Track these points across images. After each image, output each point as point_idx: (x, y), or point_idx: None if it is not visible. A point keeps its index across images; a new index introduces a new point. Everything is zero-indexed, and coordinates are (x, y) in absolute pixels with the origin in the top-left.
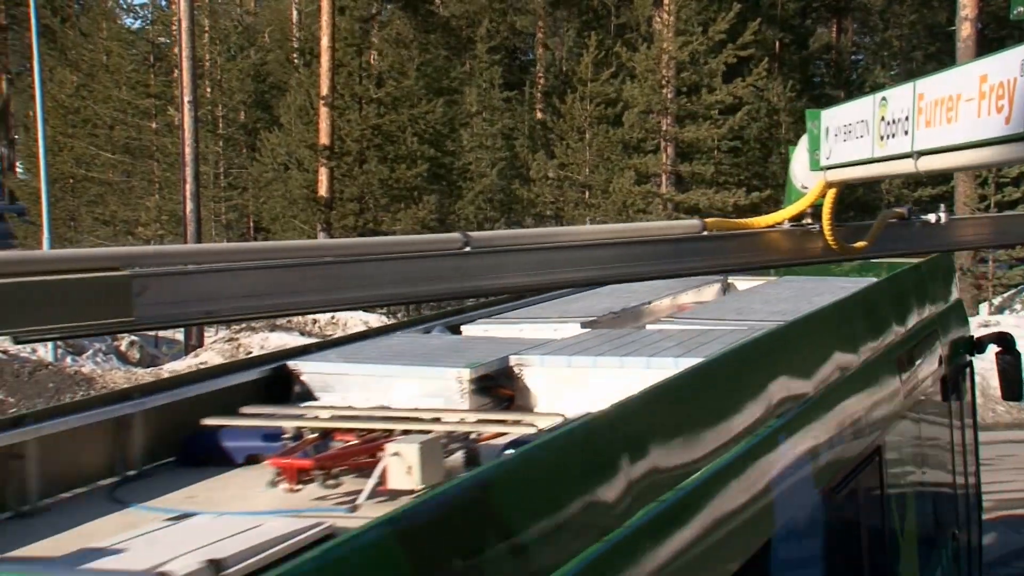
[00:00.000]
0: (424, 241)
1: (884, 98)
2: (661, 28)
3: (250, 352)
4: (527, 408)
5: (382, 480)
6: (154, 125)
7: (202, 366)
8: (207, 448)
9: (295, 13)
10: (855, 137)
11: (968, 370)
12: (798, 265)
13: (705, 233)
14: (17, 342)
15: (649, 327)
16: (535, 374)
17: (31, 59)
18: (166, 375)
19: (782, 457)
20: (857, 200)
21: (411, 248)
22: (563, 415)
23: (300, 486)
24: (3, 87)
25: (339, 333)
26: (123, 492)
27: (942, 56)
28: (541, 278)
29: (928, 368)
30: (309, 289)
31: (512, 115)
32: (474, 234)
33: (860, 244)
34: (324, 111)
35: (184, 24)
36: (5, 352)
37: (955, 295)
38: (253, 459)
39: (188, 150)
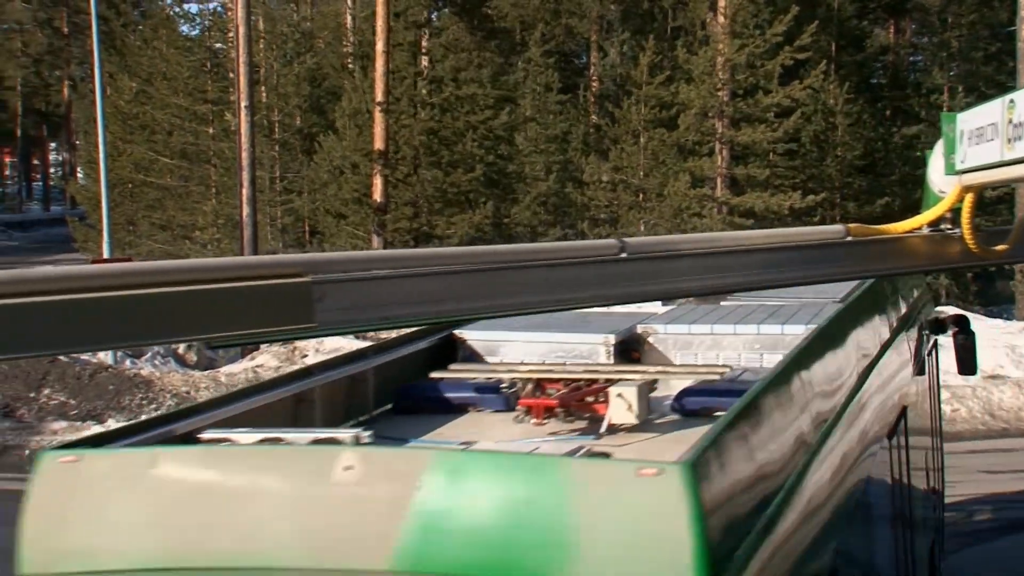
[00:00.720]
0: (580, 248)
1: (1012, 100)
2: (717, 30)
3: (305, 356)
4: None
5: (610, 415)
6: (211, 130)
7: (259, 368)
8: (421, 399)
9: (349, 18)
10: (985, 140)
11: (936, 346)
12: (938, 270)
13: (849, 239)
14: (210, 347)
15: (725, 303)
16: (659, 339)
17: (92, 66)
18: (223, 378)
19: (875, 404)
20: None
21: (568, 255)
22: (729, 366)
23: (545, 421)
24: (65, 93)
25: None
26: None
27: (1002, 56)
28: (697, 283)
29: (921, 342)
30: (476, 295)
31: (567, 119)
32: (630, 240)
33: (1000, 248)
34: (379, 116)
35: (241, 30)
36: (66, 355)
37: (925, 279)
38: (460, 408)
39: (244, 155)
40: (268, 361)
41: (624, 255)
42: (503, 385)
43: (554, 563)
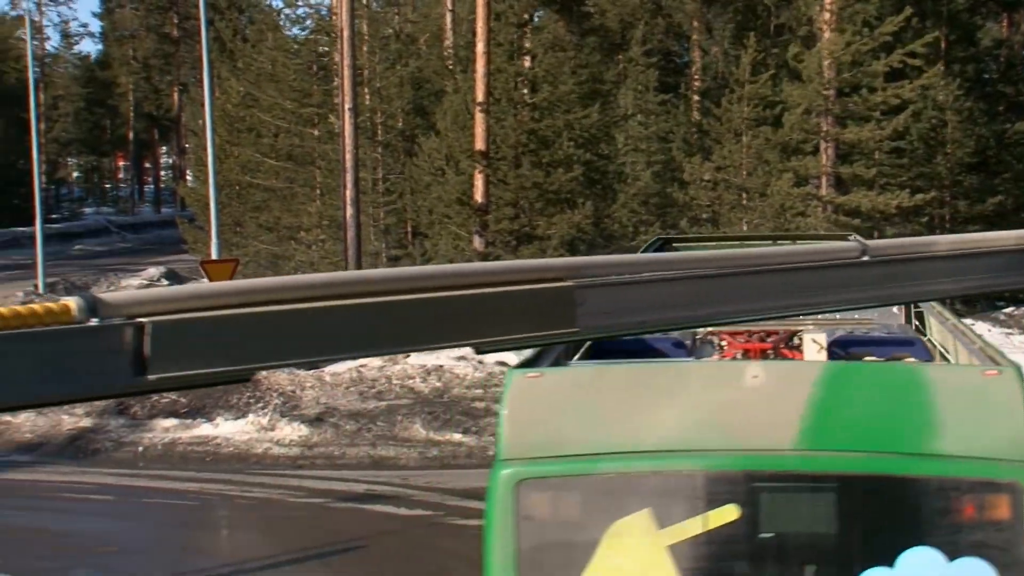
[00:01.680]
0: (819, 251)
1: None
2: (823, 28)
3: (408, 355)
4: None
5: (806, 358)
6: (316, 132)
7: (362, 367)
8: (630, 352)
9: (450, 20)
10: None
11: None
12: None
13: None
14: (479, 352)
15: None
16: None
17: (201, 70)
18: (328, 378)
19: None
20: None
21: (807, 258)
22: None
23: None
24: (175, 98)
25: None
26: None
27: None
28: (945, 286)
29: None
30: (721, 300)
31: (667, 118)
32: (871, 243)
33: None
34: (479, 116)
35: (345, 33)
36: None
37: None
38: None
39: (348, 156)
40: (371, 360)
41: (866, 258)
42: (697, 338)
43: (923, 438)
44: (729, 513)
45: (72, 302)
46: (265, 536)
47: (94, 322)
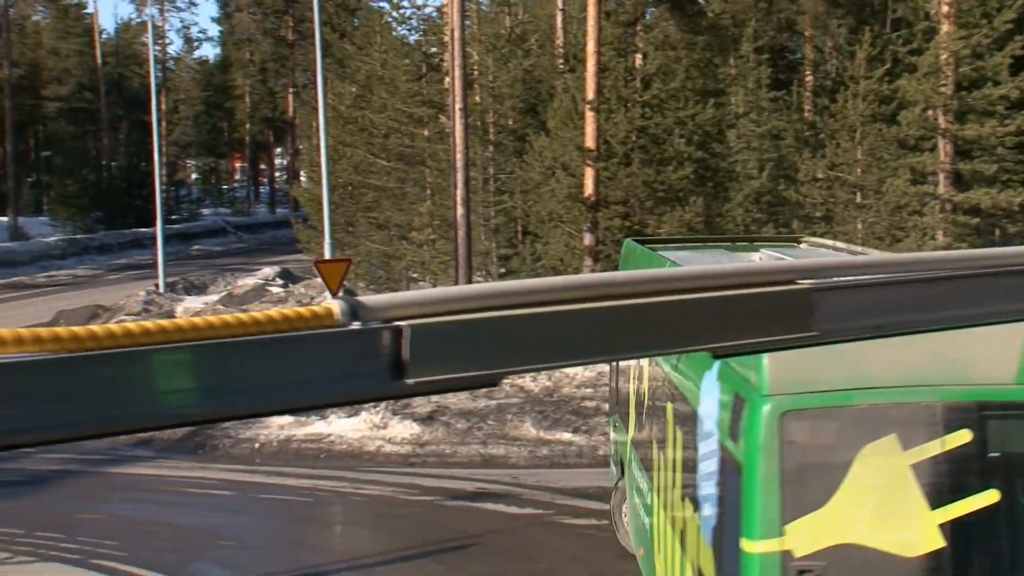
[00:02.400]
0: None
1: None
2: (941, 21)
3: None
4: None
5: None
6: (426, 132)
7: None
8: None
9: (560, 19)
10: None
11: None
12: None
13: None
14: (715, 357)
15: None
16: None
17: (314, 73)
18: None
19: None
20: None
21: None
22: None
23: None
24: (290, 100)
25: None
26: None
27: None
28: None
29: None
30: (963, 303)
31: (780, 115)
32: None
33: None
34: (590, 115)
35: (456, 34)
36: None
37: None
38: None
39: (459, 156)
40: None
41: None
42: None
43: None
44: (962, 437)
45: (335, 305)
46: (377, 533)
47: (356, 325)
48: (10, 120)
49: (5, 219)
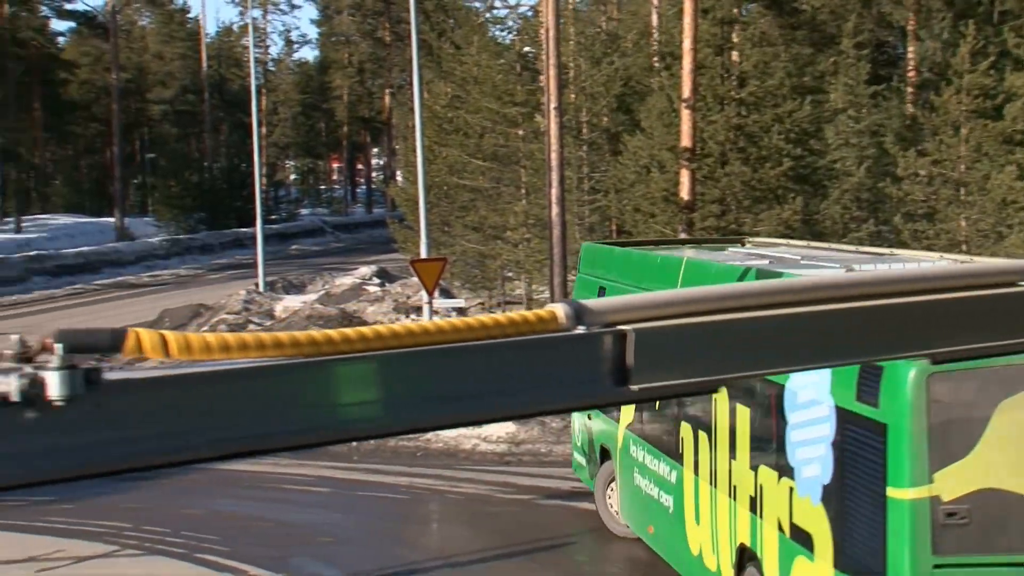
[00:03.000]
0: None
1: None
2: None
3: None
4: None
5: None
6: (521, 132)
7: None
8: None
9: (655, 17)
10: None
11: None
12: None
13: None
14: (934, 362)
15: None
16: None
17: (411, 73)
18: None
19: None
20: None
21: None
22: None
23: None
24: (386, 101)
25: None
26: None
27: None
28: None
29: None
30: None
31: (880, 111)
32: None
33: None
34: (686, 113)
35: (551, 33)
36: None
37: None
38: None
39: (554, 155)
40: None
41: None
42: None
43: None
44: None
45: (559, 309)
46: (473, 531)
47: (580, 330)
48: (117, 123)
49: (112, 220)
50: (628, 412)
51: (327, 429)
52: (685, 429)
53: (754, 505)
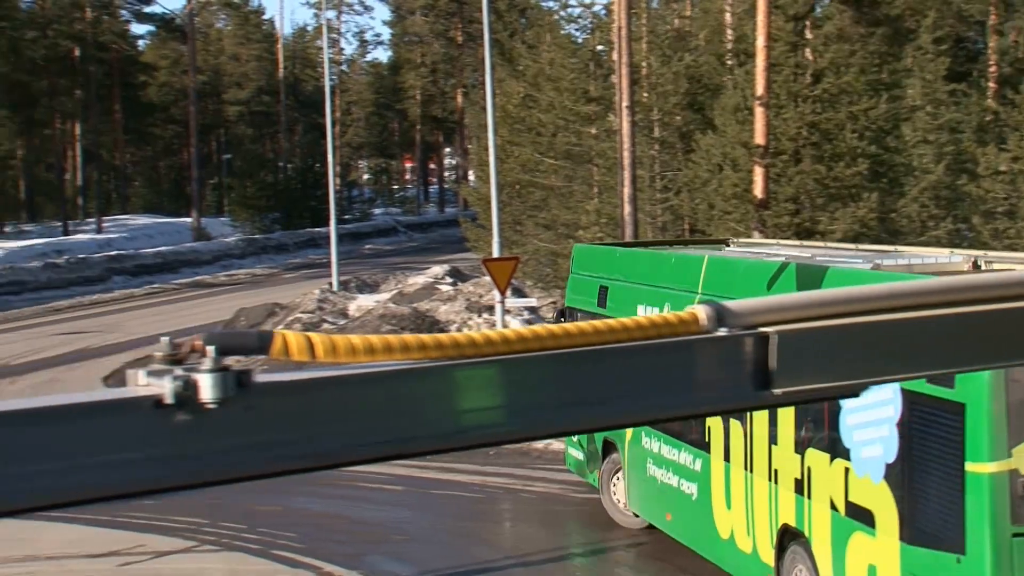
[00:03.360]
0: None
1: None
2: None
3: None
4: None
5: None
6: (593, 131)
7: None
8: None
9: (728, 15)
10: None
11: None
12: None
13: None
14: None
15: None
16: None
17: (483, 73)
18: None
19: None
20: None
21: None
22: None
23: None
24: (459, 100)
25: None
26: None
27: None
28: None
29: None
30: None
31: (959, 107)
32: None
33: None
34: (759, 111)
35: (623, 32)
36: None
37: None
38: None
39: (626, 154)
40: None
41: None
42: None
43: None
44: None
45: (700, 311)
46: (546, 530)
47: (721, 332)
48: (194, 124)
49: (189, 220)
50: None
51: (468, 433)
52: (713, 420)
53: (800, 487)
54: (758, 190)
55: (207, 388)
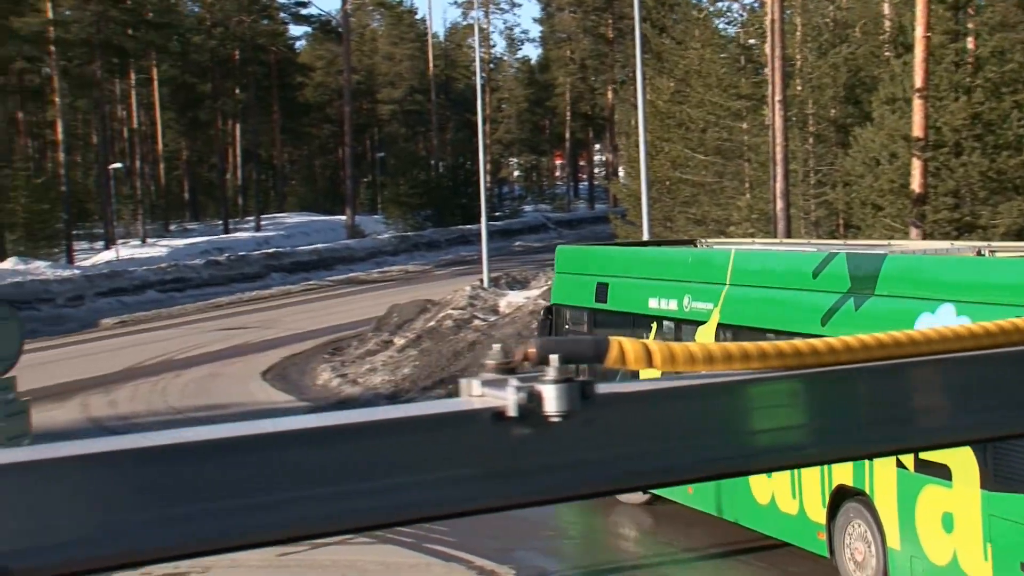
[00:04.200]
0: None
1: None
2: None
3: None
4: None
5: None
6: (745, 126)
7: None
8: None
9: (886, 6)
10: None
11: None
12: None
13: None
14: None
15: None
16: None
17: (634, 69)
18: None
19: None
20: None
21: None
22: None
23: None
24: (609, 97)
25: None
26: None
27: None
28: None
29: None
30: None
31: None
32: None
33: None
34: (918, 103)
35: (776, 25)
36: None
37: None
38: None
39: (778, 149)
40: None
41: None
42: None
43: None
44: None
45: None
46: (697, 528)
47: None
48: (349, 124)
49: (343, 218)
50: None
51: (812, 448)
52: None
53: None
54: (916, 184)
55: (552, 400)
